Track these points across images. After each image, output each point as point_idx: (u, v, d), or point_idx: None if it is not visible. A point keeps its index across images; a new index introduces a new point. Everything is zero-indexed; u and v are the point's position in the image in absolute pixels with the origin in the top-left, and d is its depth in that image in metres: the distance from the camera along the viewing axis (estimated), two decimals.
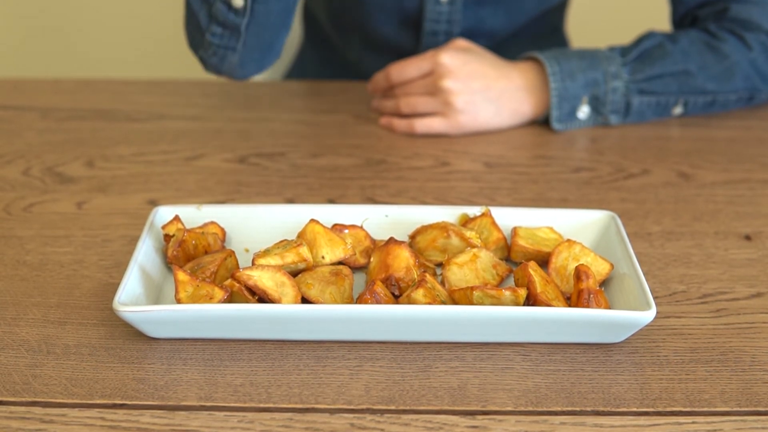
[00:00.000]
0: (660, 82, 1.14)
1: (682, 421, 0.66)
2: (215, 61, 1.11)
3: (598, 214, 0.85)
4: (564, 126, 1.14)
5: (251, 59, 1.11)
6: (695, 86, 1.15)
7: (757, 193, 1.00)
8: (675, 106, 1.16)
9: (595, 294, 0.73)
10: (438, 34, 1.25)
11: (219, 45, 1.08)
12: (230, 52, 1.09)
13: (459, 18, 1.24)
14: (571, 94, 1.12)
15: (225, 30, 1.07)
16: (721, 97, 1.17)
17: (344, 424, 0.65)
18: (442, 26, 1.24)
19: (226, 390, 0.68)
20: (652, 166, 1.06)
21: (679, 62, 1.14)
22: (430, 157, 1.08)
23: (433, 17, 1.24)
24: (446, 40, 1.24)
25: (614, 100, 1.13)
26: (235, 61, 1.10)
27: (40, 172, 1.03)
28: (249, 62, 1.11)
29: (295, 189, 1.00)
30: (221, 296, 0.72)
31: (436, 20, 1.24)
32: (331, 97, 1.26)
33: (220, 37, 1.07)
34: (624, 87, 1.13)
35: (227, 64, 1.11)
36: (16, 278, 0.82)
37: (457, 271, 0.78)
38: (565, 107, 1.13)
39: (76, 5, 2.22)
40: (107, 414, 0.66)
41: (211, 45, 1.09)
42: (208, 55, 1.11)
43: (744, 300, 0.80)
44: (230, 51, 1.09)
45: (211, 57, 1.11)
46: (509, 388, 0.69)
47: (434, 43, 1.25)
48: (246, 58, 1.10)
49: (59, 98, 1.24)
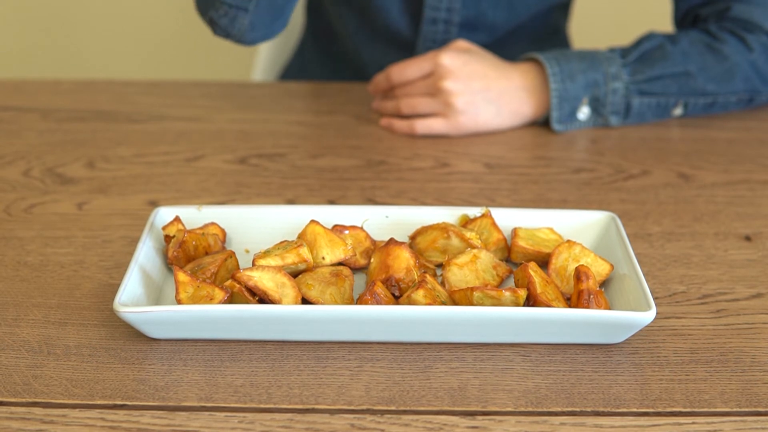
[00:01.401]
0: (660, 83, 1.14)
1: (682, 421, 0.66)
2: (225, 22, 1.09)
3: (598, 214, 0.85)
4: (564, 127, 1.14)
5: (261, 23, 1.10)
6: (695, 87, 1.15)
7: (757, 194, 1.00)
8: (675, 108, 1.16)
9: (595, 295, 0.73)
10: (437, 23, 1.25)
11: (231, 4, 1.07)
12: (242, 13, 1.08)
13: (458, 6, 1.25)
14: (572, 95, 1.12)
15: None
16: (722, 98, 1.17)
17: (344, 425, 0.65)
18: (442, 14, 1.25)
19: (227, 390, 0.68)
20: (652, 167, 1.06)
21: (680, 63, 1.14)
22: (431, 158, 1.08)
23: (433, 4, 1.24)
24: (445, 28, 1.25)
25: (614, 101, 1.13)
26: (246, 23, 1.09)
27: (40, 173, 1.03)
28: (259, 26, 1.10)
29: (296, 190, 1.00)
30: (222, 297, 0.72)
31: (436, 7, 1.25)
32: (332, 98, 1.26)
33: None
34: (624, 88, 1.13)
35: (238, 25, 1.09)
36: (16, 279, 0.82)
37: (457, 272, 0.78)
38: (566, 108, 1.13)
39: (77, 6, 2.22)
40: (108, 414, 0.66)
41: (223, 4, 1.07)
42: (218, 16, 1.09)
43: (744, 301, 0.80)
44: (242, 11, 1.07)
45: (222, 17, 1.09)
46: (509, 389, 0.69)
47: (433, 32, 1.26)
48: (257, 20, 1.09)
49: (60, 99, 1.25)
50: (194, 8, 1.15)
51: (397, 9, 1.27)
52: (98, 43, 2.23)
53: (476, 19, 1.26)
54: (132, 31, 2.21)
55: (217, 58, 2.08)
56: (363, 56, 1.34)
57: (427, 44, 1.27)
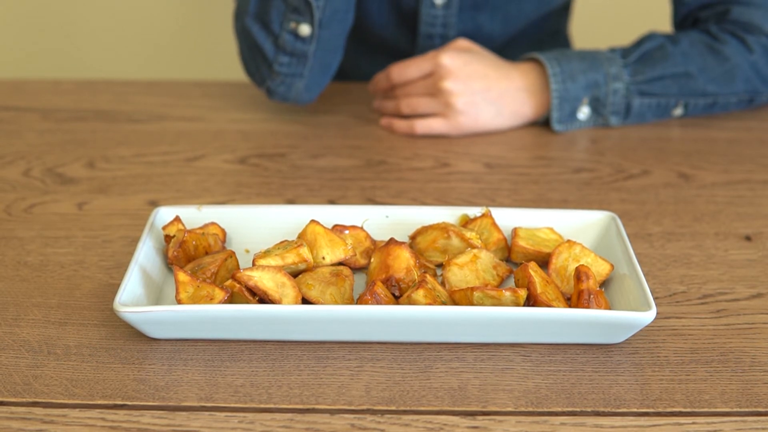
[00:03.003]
0: (660, 84, 1.14)
1: (682, 421, 0.66)
2: (283, 90, 1.14)
3: (598, 214, 0.85)
4: (564, 127, 1.14)
5: (315, 82, 1.14)
6: (696, 88, 1.15)
7: (757, 194, 1.00)
8: (675, 108, 1.16)
9: (595, 295, 0.73)
10: (434, 38, 1.26)
11: (287, 74, 1.12)
12: (298, 79, 1.13)
13: (454, 21, 1.24)
14: (572, 95, 1.12)
15: (293, 58, 1.11)
16: (722, 99, 1.17)
17: (345, 425, 0.65)
18: (438, 29, 1.25)
19: (227, 390, 0.68)
20: (653, 167, 1.06)
21: (680, 64, 1.14)
22: (431, 158, 1.08)
23: (428, 20, 1.24)
24: (442, 43, 1.24)
25: (615, 101, 1.13)
26: (302, 87, 1.14)
27: (40, 173, 1.03)
28: (313, 85, 1.15)
29: (296, 190, 1.00)
30: (222, 297, 0.72)
31: (431, 23, 1.24)
32: (332, 98, 1.26)
33: (288, 65, 1.11)
34: (624, 88, 1.13)
35: (294, 90, 1.14)
36: (16, 279, 0.82)
37: (457, 272, 0.78)
38: (566, 108, 1.13)
39: (77, 6, 2.22)
40: (108, 414, 0.66)
41: (279, 74, 1.12)
42: (275, 85, 1.14)
43: (744, 301, 0.80)
44: (298, 78, 1.13)
45: (279, 86, 1.14)
46: (509, 389, 0.69)
47: (430, 46, 1.26)
48: (311, 82, 1.14)
49: (60, 99, 1.25)
50: (243, 72, 1.19)
51: (393, 24, 1.27)
52: (98, 43, 2.23)
53: (473, 31, 1.26)
54: (132, 31, 2.21)
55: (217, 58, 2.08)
56: (359, 69, 1.34)
57: None
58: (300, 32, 1.08)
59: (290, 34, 1.09)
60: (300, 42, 1.09)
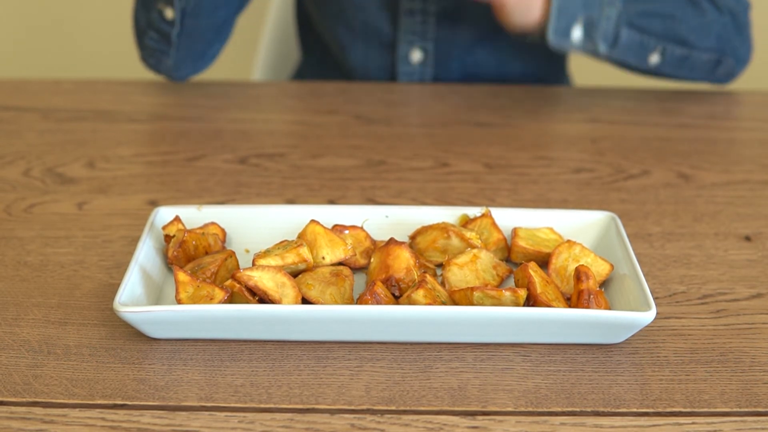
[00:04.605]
0: (648, 20, 1.20)
1: (682, 421, 0.66)
2: (153, 62, 1.23)
3: (598, 214, 0.85)
4: (558, 42, 1.18)
5: (184, 65, 1.22)
6: (676, 33, 1.21)
7: (757, 194, 1.00)
8: (653, 53, 1.21)
9: (595, 295, 0.73)
10: (415, 14, 1.29)
11: (155, 48, 1.20)
12: (165, 56, 1.20)
13: None
14: (570, 10, 1.17)
15: (160, 36, 1.18)
16: (695, 53, 1.22)
17: (345, 425, 0.65)
18: (417, 4, 1.28)
19: (227, 390, 0.68)
20: (652, 167, 1.06)
21: (668, 4, 1.20)
22: (430, 158, 1.08)
23: None
24: (423, 19, 1.28)
25: (606, 27, 1.18)
26: (170, 64, 1.21)
27: (40, 173, 1.03)
28: (183, 67, 1.22)
29: (296, 190, 1.00)
30: (222, 297, 0.72)
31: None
32: (332, 98, 1.26)
33: (156, 42, 1.19)
34: (617, 16, 1.18)
35: (163, 65, 1.22)
36: (16, 279, 0.82)
37: (457, 272, 0.78)
38: (562, 21, 1.17)
39: (77, 5, 2.22)
40: (108, 414, 0.66)
41: (148, 47, 1.20)
42: (146, 56, 1.23)
43: (744, 301, 0.80)
44: (164, 55, 1.20)
45: (149, 58, 1.22)
46: (509, 389, 0.69)
47: (412, 24, 1.29)
48: (179, 63, 1.21)
49: (60, 99, 1.25)
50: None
51: (375, 6, 1.29)
52: (98, 43, 2.23)
53: (456, 5, 1.28)
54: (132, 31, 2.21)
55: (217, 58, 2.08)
56: (349, 60, 1.34)
57: (408, 37, 1.30)
58: (165, 15, 1.15)
59: (158, 13, 1.16)
60: (165, 24, 1.16)
